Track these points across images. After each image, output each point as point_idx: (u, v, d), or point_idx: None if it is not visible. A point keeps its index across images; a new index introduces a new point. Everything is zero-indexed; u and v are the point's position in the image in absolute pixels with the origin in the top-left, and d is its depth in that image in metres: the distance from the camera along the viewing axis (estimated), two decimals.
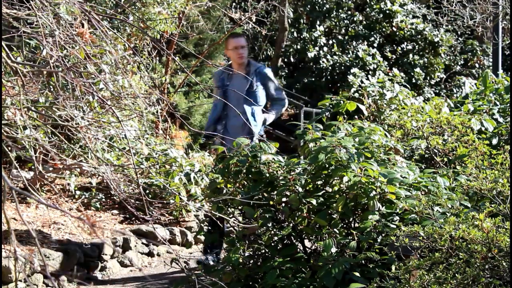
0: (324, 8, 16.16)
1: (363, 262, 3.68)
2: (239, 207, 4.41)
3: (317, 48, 15.70)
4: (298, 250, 4.14)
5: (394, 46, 16.08)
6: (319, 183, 4.19)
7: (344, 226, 4.08)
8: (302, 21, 16.71)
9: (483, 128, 5.26)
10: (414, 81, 15.26)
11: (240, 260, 4.04)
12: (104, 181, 6.45)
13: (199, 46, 12.85)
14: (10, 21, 3.43)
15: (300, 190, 4.05)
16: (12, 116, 3.33)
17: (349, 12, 16.56)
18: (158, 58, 9.75)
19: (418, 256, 3.21)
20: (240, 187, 4.34)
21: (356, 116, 5.92)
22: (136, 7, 7.09)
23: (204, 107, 11.62)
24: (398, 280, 3.17)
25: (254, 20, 10.36)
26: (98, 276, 5.62)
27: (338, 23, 16.46)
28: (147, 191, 6.63)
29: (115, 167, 4.41)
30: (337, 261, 3.62)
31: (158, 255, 6.37)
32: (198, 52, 12.08)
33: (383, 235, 3.69)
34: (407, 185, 4.01)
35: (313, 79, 15.58)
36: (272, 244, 4.12)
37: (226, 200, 4.30)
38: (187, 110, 11.45)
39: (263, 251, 4.20)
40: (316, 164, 4.03)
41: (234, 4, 14.84)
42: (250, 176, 4.28)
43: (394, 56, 15.86)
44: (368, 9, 16.37)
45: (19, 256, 4.64)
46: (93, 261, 5.63)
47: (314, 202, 3.99)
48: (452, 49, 16.77)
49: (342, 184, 4.02)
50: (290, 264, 3.91)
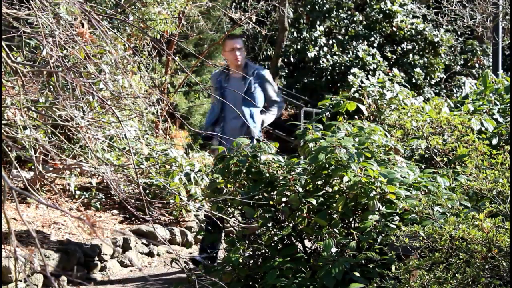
0: (324, 8, 16.16)
1: (363, 262, 3.68)
2: (239, 207, 4.41)
3: (317, 48, 15.69)
4: (298, 250, 4.14)
5: (394, 46, 16.07)
6: (319, 183, 4.20)
7: (344, 226, 4.08)
8: (302, 21, 16.71)
9: (483, 128, 5.26)
10: (414, 81, 15.25)
11: (240, 260, 4.04)
12: (104, 181, 6.45)
13: (199, 46, 12.85)
14: (10, 21, 3.43)
15: (300, 190, 4.05)
16: (12, 116, 3.33)
17: (349, 12, 16.55)
18: (158, 58, 9.75)
19: (418, 256, 3.21)
20: (240, 187, 4.34)
21: (356, 116, 5.92)
22: (136, 7, 7.09)
23: (204, 107, 11.61)
24: (398, 280, 3.17)
25: (254, 20, 10.36)
26: (98, 276, 5.62)
27: (338, 23, 16.46)
28: (147, 191, 6.63)
29: (115, 167, 4.41)
30: (337, 261, 3.63)
31: (158, 255, 6.36)
32: (198, 52, 12.08)
33: (383, 235, 3.69)
34: (407, 185, 4.01)
35: (313, 79, 15.58)
36: (272, 244, 4.12)
37: (226, 200, 4.30)
38: (187, 110, 11.45)
39: (263, 251, 4.20)
40: (316, 164, 4.03)
41: (234, 4, 14.84)
42: (250, 176, 4.28)
43: (394, 56, 15.86)
44: (368, 9, 16.37)
45: (19, 256, 4.64)
46: (93, 261, 5.63)
47: (314, 202, 3.99)
48: (452, 49, 16.77)
49: (342, 184, 4.02)
50: (290, 264, 3.91)
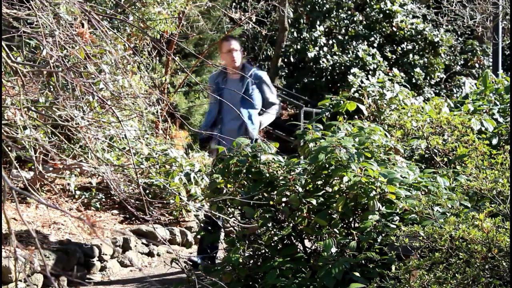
0: (324, 8, 16.16)
1: (363, 262, 3.68)
2: (239, 207, 4.41)
3: (317, 48, 15.70)
4: (298, 250, 4.14)
5: (394, 46, 16.08)
6: (319, 183, 4.19)
7: (344, 226, 4.08)
8: (302, 21, 16.71)
9: (483, 128, 5.26)
10: (414, 81, 15.26)
11: (240, 260, 4.04)
12: (104, 181, 6.45)
13: (199, 46, 12.85)
14: (10, 21, 3.43)
15: (300, 190, 4.05)
16: (12, 116, 3.34)
17: (349, 12, 16.56)
18: (158, 58, 9.75)
19: (418, 256, 3.21)
20: (240, 187, 4.34)
21: (356, 116, 5.92)
22: (136, 7, 7.09)
23: (204, 107, 11.61)
24: (398, 280, 3.17)
25: (254, 20, 10.36)
26: (98, 276, 5.62)
27: (338, 23, 16.46)
28: (147, 191, 6.63)
29: (115, 167, 4.41)
30: (337, 261, 3.62)
31: (158, 255, 6.37)
32: (198, 52, 12.09)
33: (383, 235, 3.69)
34: (407, 185, 4.01)
35: (313, 79, 15.58)
36: (272, 244, 4.12)
37: (226, 200, 4.30)
38: (187, 110, 11.46)
39: (263, 251, 4.20)
40: (316, 164, 4.03)
41: (234, 4, 14.85)
42: (250, 176, 4.28)
43: (394, 56, 15.86)
44: (368, 9, 16.37)
45: (19, 256, 4.64)
46: (93, 261, 5.63)
47: (314, 202, 3.99)
48: (452, 49, 16.77)
49: (342, 184, 4.02)
50: (290, 264, 3.91)
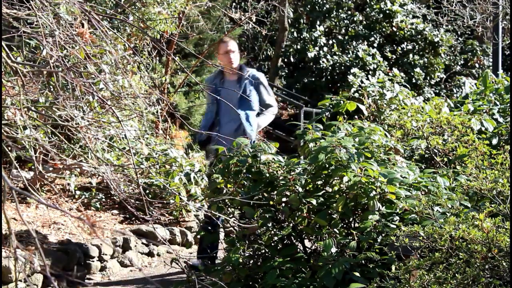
0: (324, 8, 16.16)
1: (363, 262, 3.68)
2: (239, 207, 4.41)
3: (317, 48, 15.69)
4: (298, 250, 4.14)
5: (394, 46, 16.07)
6: (319, 183, 4.19)
7: (344, 226, 4.08)
8: (302, 21, 16.71)
9: (483, 128, 5.26)
10: (414, 81, 15.25)
11: (240, 260, 4.04)
12: (104, 181, 6.45)
13: (199, 46, 12.85)
14: (10, 21, 3.43)
15: (300, 190, 4.05)
16: (12, 116, 3.34)
17: (349, 12, 16.55)
18: (158, 58, 9.75)
19: (418, 256, 3.21)
20: (240, 187, 4.34)
21: (356, 116, 5.92)
22: (136, 7, 7.09)
23: (204, 107, 11.58)
24: (398, 280, 3.17)
25: (254, 20, 10.35)
26: (98, 276, 5.62)
27: (338, 23, 16.46)
28: (147, 191, 6.63)
29: (115, 167, 4.41)
30: (337, 261, 3.62)
31: (158, 255, 6.37)
32: (198, 52, 12.09)
33: (383, 235, 3.69)
34: (407, 185, 4.01)
35: (313, 79, 15.57)
36: (272, 244, 4.12)
37: (226, 200, 4.30)
38: (187, 110, 11.45)
39: (263, 251, 4.20)
40: (316, 164, 4.03)
41: (234, 4, 14.84)
42: (250, 176, 4.28)
43: (394, 56, 15.86)
44: (368, 9, 16.37)
45: (19, 256, 4.64)
46: (93, 261, 5.63)
47: (314, 202, 3.99)
48: (452, 49, 16.77)
49: (342, 184, 4.02)
50: (290, 264, 3.90)
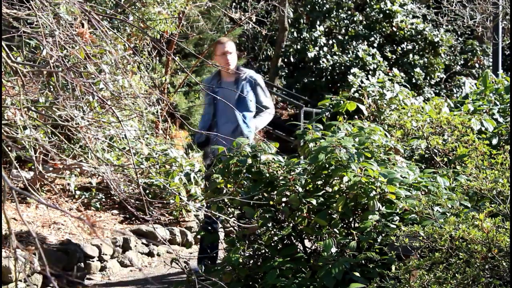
0: (324, 8, 16.16)
1: (363, 262, 3.68)
2: (239, 207, 4.41)
3: (317, 48, 15.69)
4: (298, 250, 4.14)
5: (394, 46, 16.07)
6: (319, 183, 4.19)
7: (344, 226, 4.08)
8: (302, 21, 16.71)
9: (483, 128, 5.26)
10: (414, 81, 15.25)
11: (240, 260, 4.04)
12: (104, 181, 6.45)
13: (199, 46, 12.85)
14: (10, 21, 3.43)
15: (300, 190, 4.05)
16: (12, 116, 3.34)
17: (349, 12, 16.55)
18: (158, 58, 9.75)
19: (418, 256, 3.21)
20: (240, 187, 4.34)
21: (356, 116, 5.92)
22: (136, 7, 7.09)
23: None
24: (398, 280, 3.17)
25: (254, 20, 10.35)
26: (98, 276, 5.62)
27: (338, 23, 16.46)
28: (147, 191, 6.63)
29: (115, 167, 4.41)
30: (337, 261, 3.62)
31: (158, 255, 6.37)
32: (198, 52, 12.09)
33: (383, 235, 3.69)
34: (407, 185, 4.01)
35: (313, 79, 15.57)
36: (272, 244, 4.12)
37: (225, 200, 4.30)
38: (187, 110, 11.45)
39: (263, 251, 4.20)
40: (316, 164, 4.03)
41: (234, 4, 14.85)
42: (250, 176, 4.28)
43: (394, 56, 15.86)
44: (368, 9, 16.37)
45: (19, 256, 4.64)
46: (93, 261, 5.63)
47: (314, 202, 3.99)
48: (452, 49, 16.77)
49: (342, 184, 4.02)
50: (290, 264, 3.90)
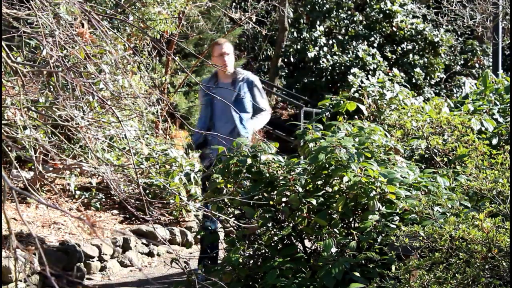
0: (324, 8, 16.16)
1: (363, 262, 3.68)
2: (239, 207, 4.41)
3: (317, 48, 15.69)
4: (298, 250, 4.14)
5: (394, 46, 16.07)
6: (319, 183, 4.19)
7: (344, 226, 4.08)
8: (302, 21, 16.71)
9: (483, 128, 5.26)
10: (414, 81, 15.26)
11: (240, 260, 4.04)
12: (104, 181, 6.45)
13: (199, 46, 12.85)
14: (10, 21, 3.43)
15: (300, 190, 4.05)
16: (12, 116, 3.34)
17: (349, 12, 16.55)
18: (158, 58, 9.75)
19: (418, 256, 3.21)
20: (240, 187, 4.33)
21: (356, 116, 5.91)
22: (136, 7, 7.09)
23: None
24: (398, 280, 3.17)
25: (254, 20, 10.35)
26: (98, 276, 5.62)
27: (338, 23, 16.46)
28: (147, 191, 6.63)
29: (115, 167, 4.41)
30: (337, 261, 3.62)
31: (158, 255, 6.37)
32: (198, 52, 12.09)
33: (383, 235, 3.69)
34: (407, 185, 4.01)
35: (313, 79, 15.57)
36: (272, 244, 4.12)
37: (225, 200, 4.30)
38: (187, 110, 11.45)
39: (263, 251, 4.20)
40: (316, 164, 4.03)
41: (234, 4, 14.85)
42: (250, 176, 4.28)
43: (394, 56, 15.86)
44: (368, 9, 16.37)
45: (19, 256, 4.64)
46: (93, 261, 5.63)
47: (314, 202, 3.99)
48: (452, 49, 16.77)
49: (342, 184, 4.02)
50: (290, 264, 3.90)
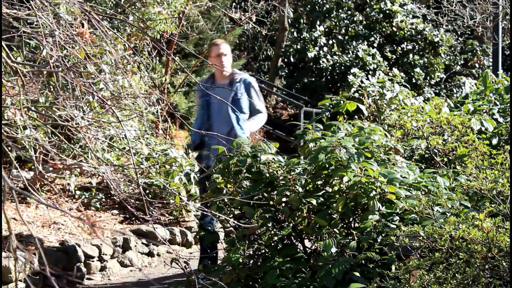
0: (324, 8, 16.16)
1: (363, 262, 3.68)
2: (239, 207, 4.41)
3: (317, 48, 15.69)
4: (298, 250, 4.14)
5: (394, 46, 16.07)
6: (319, 183, 4.19)
7: (344, 226, 4.08)
8: (302, 21, 16.71)
9: (483, 128, 5.26)
10: (414, 81, 15.25)
11: (240, 260, 4.04)
12: (104, 181, 6.45)
13: (199, 46, 12.85)
14: (10, 21, 3.43)
15: (300, 190, 4.05)
16: (12, 116, 3.34)
17: (349, 12, 16.55)
18: (158, 58, 9.75)
19: (418, 256, 3.21)
20: (240, 187, 4.34)
21: (356, 116, 5.91)
22: (136, 7, 7.09)
23: None
24: (398, 280, 3.17)
25: (254, 20, 10.35)
26: (98, 276, 5.62)
27: (338, 23, 16.46)
28: (147, 191, 6.63)
29: (115, 167, 4.41)
30: (337, 261, 3.62)
31: (158, 255, 6.37)
32: (198, 52, 12.09)
33: (383, 235, 3.69)
34: (407, 185, 4.01)
35: (313, 79, 15.57)
36: (272, 244, 4.12)
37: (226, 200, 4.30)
38: (187, 110, 11.45)
39: (263, 251, 4.20)
40: (316, 164, 4.03)
41: (234, 4, 14.85)
42: (250, 176, 4.28)
43: (394, 56, 15.86)
44: (368, 9, 16.37)
45: (19, 256, 4.64)
46: (93, 261, 5.63)
47: (314, 202, 3.99)
48: (452, 49, 16.77)
49: (342, 184, 4.02)
50: (290, 264, 3.90)
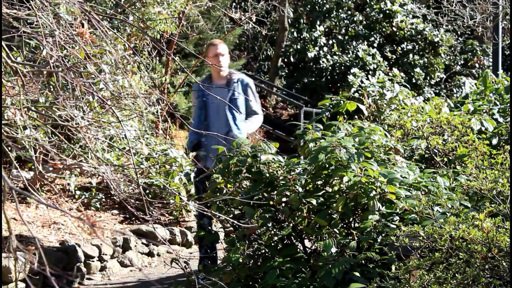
0: (324, 8, 16.16)
1: (363, 262, 3.68)
2: (239, 207, 4.41)
3: (317, 48, 15.69)
4: (298, 250, 4.14)
5: (394, 46, 16.07)
6: (319, 183, 4.19)
7: (344, 226, 4.08)
8: (302, 21, 16.71)
9: (483, 128, 5.26)
10: (414, 81, 15.25)
11: (240, 260, 4.04)
12: (104, 181, 6.45)
13: (199, 46, 12.85)
14: (10, 21, 3.43)
15: (300, 190, 4.05)
16: (12, 116, 3.34)
17: (349, 12, 16.55)
18: (158, 58, 9.75)
19: (418, 256, 3.21)
20: (240, 187, 4.34)
21: (356, 116, 5.92)
22: (136, 7, 7.09)
23: None
24: (398, 280, 3.17)
25: (254, 20, 10.35)
26: (98, 276, 5.62)
27: (338, 23, 16.46)
28: (147, 191, 6.63)
29: (115, 167, 4.41)
30: (337, 261, 3.62)
31: (158, 255, 6.37)
32: (198, 52, 12.08)
33: (383, 235, 3.69)
34: (407, 185, 4.01)
35: (313, 79, 15.57)
36: (272, 244, 4.12)
37: (226, 200, 4.30)
38: (187, 110, 11.44)
39: (263, 251, 4.20)
40: (316, 164, 4.03)
41: (234, 4, 14.85)
42: (250, 176, 4.28)
43: (394, 56, 15.85)
44: (368, 9, 16.36)
45: (19, 256, 4.64)
46: (93, 261, 5.63)
47: (314, 202, 3.99)
48: (452, 49, 16.76)
49: (342, 184, 4.02)
50: (290, 264, 3.91)
